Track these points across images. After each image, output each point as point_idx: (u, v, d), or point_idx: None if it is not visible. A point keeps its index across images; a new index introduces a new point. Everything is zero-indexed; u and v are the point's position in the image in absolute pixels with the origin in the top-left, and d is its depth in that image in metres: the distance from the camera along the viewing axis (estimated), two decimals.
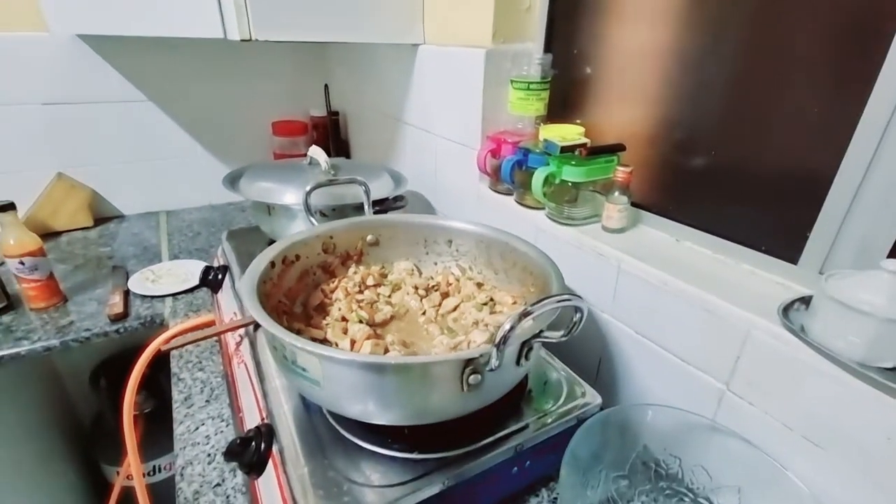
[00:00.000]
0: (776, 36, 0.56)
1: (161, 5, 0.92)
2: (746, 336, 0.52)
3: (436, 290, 0.69)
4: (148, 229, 1.35)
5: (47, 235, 1.24)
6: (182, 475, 0.60)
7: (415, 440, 0.49)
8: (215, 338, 0.85)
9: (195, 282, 0.97)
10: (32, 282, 0.90)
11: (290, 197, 0.82)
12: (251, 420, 0.58)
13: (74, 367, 1.33)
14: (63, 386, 1.36)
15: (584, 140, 0.76)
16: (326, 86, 1.52)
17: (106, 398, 1.24)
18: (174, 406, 0.71)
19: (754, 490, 0.51)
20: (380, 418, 0.46)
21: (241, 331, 0.70)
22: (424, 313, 0.65)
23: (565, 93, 0.84)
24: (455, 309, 0.66)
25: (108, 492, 1.20)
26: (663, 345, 0.62)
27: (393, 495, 0.45)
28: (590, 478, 0.53)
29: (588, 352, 0.73)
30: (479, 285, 0.70)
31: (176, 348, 0.67)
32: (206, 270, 0.88)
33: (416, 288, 0.68)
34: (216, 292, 0.89)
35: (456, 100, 0.94)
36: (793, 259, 0.57)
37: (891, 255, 0.48)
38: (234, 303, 0.78)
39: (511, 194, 0.87)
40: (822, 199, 0.52)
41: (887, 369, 0.42)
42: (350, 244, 0.72)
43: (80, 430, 1.39)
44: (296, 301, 0.64)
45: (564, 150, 0.73)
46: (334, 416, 0.52)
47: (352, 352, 0.53)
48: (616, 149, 0.74)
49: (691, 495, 0.54)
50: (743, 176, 0.62)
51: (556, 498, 0.57)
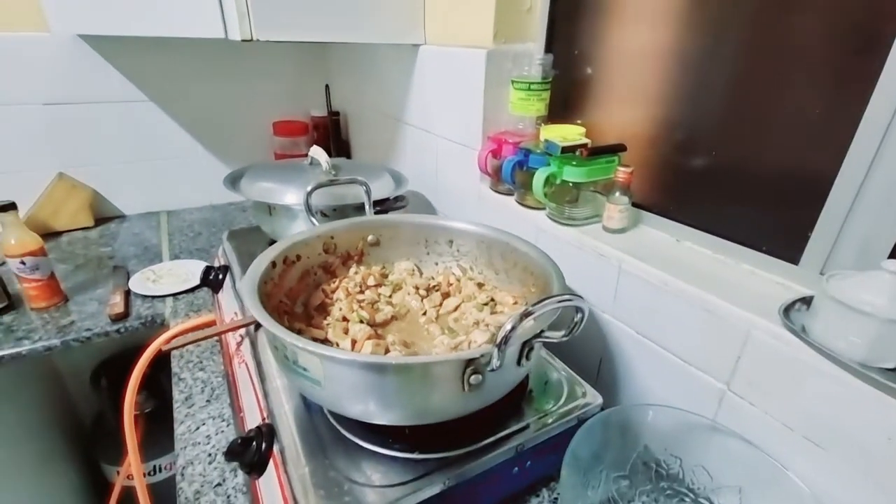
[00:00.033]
0: (777, 36, 0.56)
1: (162, 5, 0.93)
2: (747, 336, 0.52)
3: (437, 291, 0.69)
4: (149, 229, 1.35)
5: (48, 235, 1.24)
6: (183, 475, 0.60)
7: (416, 440, 0.49)
8: (216, 338, 0.85)
9: (196, 282, 0.97)
10: (33, 281, 0.90)
11: (291, 197, 0.82)
12: (252, 420, 0.58)
13: (75, 366, 1.33)
14: (64, 386, 1.36)
15: (585, 140, 0.76)
16: (327, 86, 1.52)
17: (107, 398, 1.25)
18: (175, 406, 0.71)
19: (755, 490, 0.50)
20: (381, 418, 0.47)
21: (242, 331, 0.70)
22: (425, 313, 0.65)
23: (566, 93, 0.84)
24: (456, 309, 0.66)
25: (108, 491, 1.20)
26: (664, 345, 0.62)
27: (394, 495, 0.45)
28: (590, 478, 0.53)
29: (589, 352, 0.73)
30: (480, 285, 0.70)
31: (177, 348, 0.67)
32: (207, 270, 0.88)
33: (417, 288, 0.68)
34: (217, 292, 0.89)
35: (457, 100, 0.94)
36: (794, 259, 0.57)
37: (892, 256, 0.48)
38: (235, 303, 0.78)
39: (512, 194, 0.87)
40: (823, 200, 0.52)
41: (888, 370, 0.42)
42: (351, 244, 0.72)
43: (81, 429, 1.39)
44: (297, 301, 0.64)
45: (565, 150, 0.73)
46: (335, 416, 0.52)
47: (353, 352, 0.54)
48: (617, 149, 0.74)
49: (692, 495, 0.54)
50: (744, 176, 0.62)
51: (557, 498, 0.57)
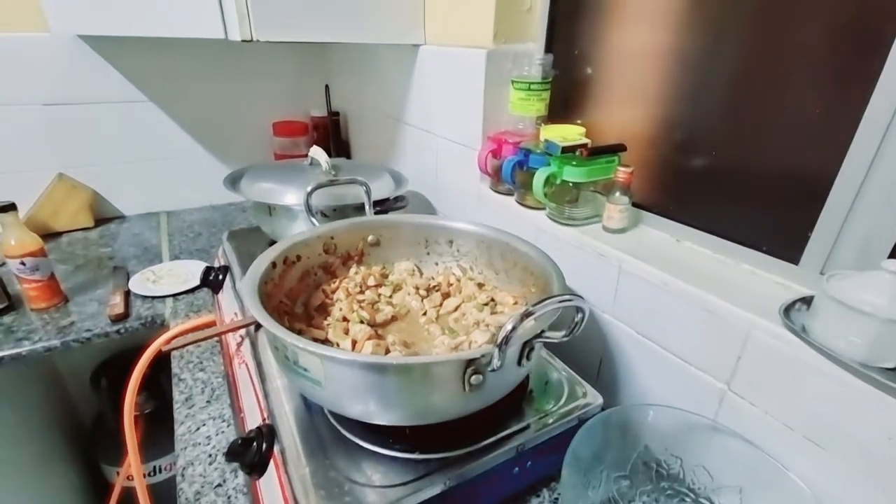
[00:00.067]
0: (777, 36, 0.56)
1: (162, 6, 0.93)
2: (747, 336, 0.52)
3: (437, 291, 0.69)
4: (149, 230, 1.35)
5: (48, 236, 1.24)
6: (183, 476, 0.60)
7: (416, 440, 0.49)
8: (216, 338, 0.85)
9: (196, 282, 0.97)
10: (33, 282, 0.90)
11: (291, 197, 0.82)
12: (252, 420, 0.58)
13: (75, 367, 1.33)
14: (64, 386, 1.36)
15: (585, 140, 0.76)
16: (327, 86, 1.52)
17: (106, 398, 1.25)
18: (175, 406, 0.71)
19: (755, 490, 0.51)
20: (381, 418, 0.47)
21: (242, 331, 0.70)
22: (425, 314, 0.65)
23: (566, 93, 0.84)
24: (456, 309, 0.66)
25: (108, 492, 1.20)
26: (664, 345, 0.62)
27: (394, 495, 0.45)
28: (591, 478, 0.53)
29: (589, 352, 0.73)
30: (480, 286, 0.70)
31: (177, 349, 0.67)
32: (207, 271, 0.88)
33: (417, 288, 0.68)
34: (217, 293, 0.89)
35: (457, 100, 0.94)
36: (794, 259, 0.57)
37: (892, 256, 0.48)
38: (235, 303, 0.78)
39: (512, 195, 0.87)
40: (823, 200, 0.52)
41: (888, 369, 0.42)
42: (351, 244, 0.72)
43: (81, 430, 1.39)
44: (297, 301, 0.64)
45: (565, 150, 0.73)
46: (336, 416, 0.52)
47: (353, 352, 0.54)
48: (617, 149, 0.74)
49: (692, 495, 0.54)
50: (744, 176, 0.62)
51: (558, 498, 0.57)
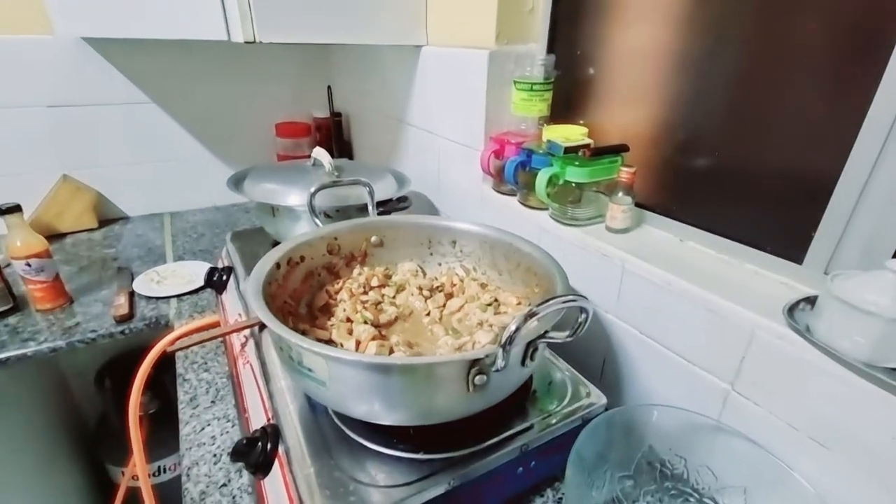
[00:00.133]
0: (779, 36, 0.56)
1: (165, 8, 0.93)
2: (751, 336, 0.52)
3: (440, 291, 0.69)
4: (152, 231, 1.35)
5: (53, 237, 1.24)
6: (188, 475, 0.60)
7: (420, 440, 0.49)
8: (220, 339, 0.85)
9: (200, 283, 0.97)
10: (38, 283, 0.91)
11: (295, 198, 0.82)
12: (257, 420, 0.58)
13: (80, 368, 1.33)
14: (68, 387, 1.37)
15: (588, 141, 0.76)
16: (329, 87, 1.53)
17: (111, 399, 1.25)
18: (180, 407, 0.71)
19: (760, 490, 0.50)
20: (385, 419, 0.47)
21: (247, 331, 0.70)
22: (429, 314, 0.65)
23: (568, 94, 0.84)
24: (459, 310, 0.66)
25: (113, 492, 1.20)
26: (667, 345, 0.62)
27: (399, 495, 0.45)
28: (595, 478, 0.53)
29: (592, 352, 0.74)
30: (484, 286, 0.70)
31: (181, 349, 0.67)
32: (211, 272, 0.89)
33: (421, 289, 0.69)
34: (221, 293, 0.90)
35: (459, 101, 0.94)
36: (797, 259, 0.57)
37: None
38: (239, 304, 0.78)
39: (514, 195, 0.87)
40: (826, 199, 0.52)
41: (893, 369, 0.42)
42: (354, 245, 0.73)
43: (86, 430, 1.40)
44: (301, 302, 0.65)
45: (568, 150, 0.73)
46: (340, 416, 0.53)
47: (357, 352, 0.54)
48: (620, 149, 0.74)
49: (696, 496, 0.54)
50: (747, 176, 0.62)
51: (562, 498, 0.57)
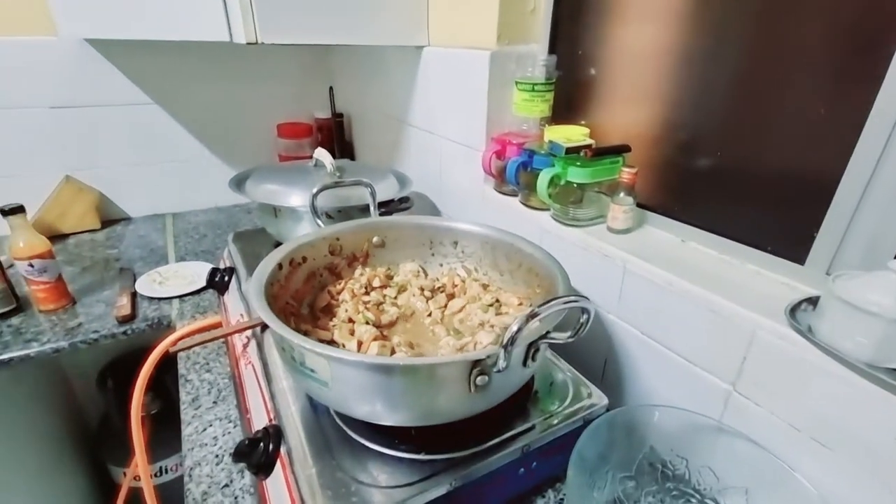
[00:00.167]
0: (781, 36, 0.56)
1: (168, 9, 0.93)
2: (753, 336, 0.52)
3: (441, 292, 0.69)
4: (154, 231, 1.36)
5: (55, 238, 1.25)
6: (190, 476, 0.60)
7: (422, 441, 0.50)
8: (222, 339, 0.85)
9: (202, 283, 0.98)
10: (41, 284, 0.91)
11: (297, 199, 0.83)
12: (259, 421, 0.58)
13: (82, 368, 1.34)
14: (71, 387, 1.37)
15: (589, 141, 0.76)
16: (331, 88, 1.53)
17: (113, 399, 1.25)
18: (182, 407, 0.71)
19: (761, 491, 0.50)
20: (387, 419, 0.47)
21: (249, 332, 0.71)
22: (430, 314, 0.65)
23: (570, 94, 0.84)
24: (461, 310, 0.66)
25: (115, 492, 1.20)
26: (669, 345, 0.62)
27: (400, 496, 0.45)
28: (596, 479, 0.53)
29: (594, 352, 0.73)
30: (485, 286, 0.70)
31: (183, 350, 0.67)
32: (213, 272, 0.89)
33: (422, 289, 0.69)
34: (223, 294, 0.90)
35: (460, 101, 0.94)
36: (799, 259, 0.57)
37: None
38: (241, 304, 0.78)
39: (516, 195, 0.87)
40: (829, 199, 0.52)
41: (895, 370, 0.42)
42: (356, 246, 0.73)
43: (88, 431, 1.40)
44: (303, 302, 0.65)
45: (569, 151, 0.73)
46: (342, 416, 0.53)
47: (359, 353, 0.54)
48: (621, 150, 0.74)
49: (698, 496, 0.54)
50: (749, 176, 0.62)
51: (563, 499, 0.57)
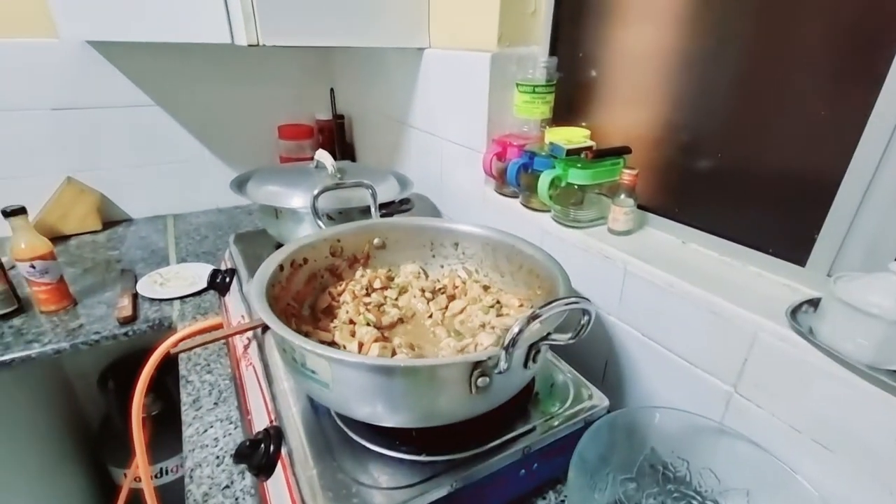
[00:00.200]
0: (782, 37, 0.56)
1: (170, 11, 0.94)
2: (754, 338, 0.52)
3: (442, 293, 0.69)
4: (156, 233, 1.36)
5: (57, 239, 1.25)
6: (191, 477, 0.60)
7: (423, 442, 0.50)
8: (223, 340, 0.85)
9: (203, 285, 0.98)
10: (43, 285, 0.91)
11: (298, 200, 0.83)
12: (260, 422, 0.59)
13: (83, 369, 1.34)
14: (72, 388, 1.37)
15: (590, 143, 0.76)
16: (332, 89, 1.53)
17: (114, 400, 1.25)
18: (183, 408, 0.71)
19: (763, 493, 0.50)
20: (388, 420, 0.47)
21: (249, 333, 0.71)
22: (431, 316, 0.65)
23: (571, 96, 0.84)
24: (462, 312, 0.66)
25: (116, 494, 1.20)
26: (670, 347, 0.62)
27: (401, 497, 0.45)
28: (597, 480, 0.53)
29: (594, 354, 0.73)
30: (486, 288, 0.70)
31: (185, 351, 0.68)
32: (214, 274, 0.89)
33: (423, 291, 0.69)
34: (224, 295, 0.90)
35: (461, 103, 0.94)
36: (800, 261, 0.57)
37: None
38: (242, 306, 0.78)
39: (517, 197, 0.87)
40: (830, 201, 0.52)
41: None
42: (357, 247, 0.73)
43: (89, 432, 1.40)
44: (304, 304, 0.65)
45: (570, 152, 0.73)
46: (342, 418, 0.53)
47: (360, 354, 0.54)
48: (622, 151, 0.74)
49: (699, 498, 0.54)
50: (750, 178, 0.62)
51: (564, 500, 0.57)
